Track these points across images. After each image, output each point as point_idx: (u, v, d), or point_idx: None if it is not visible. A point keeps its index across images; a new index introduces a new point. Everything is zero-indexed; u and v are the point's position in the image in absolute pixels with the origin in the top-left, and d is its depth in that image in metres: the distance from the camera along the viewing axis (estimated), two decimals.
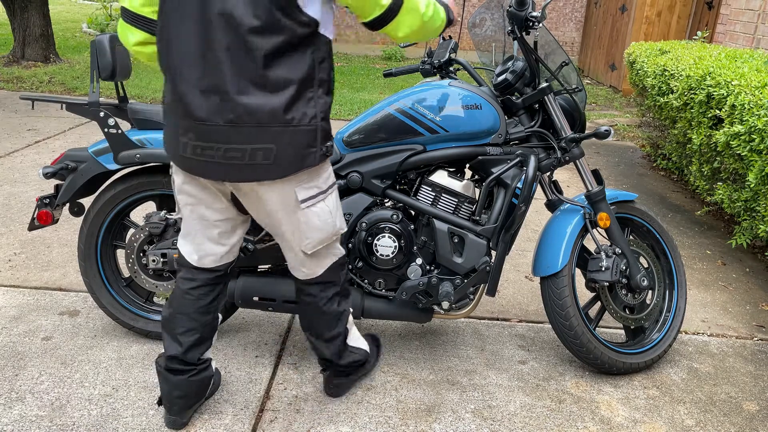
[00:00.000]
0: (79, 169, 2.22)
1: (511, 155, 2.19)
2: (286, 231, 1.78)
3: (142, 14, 1.65)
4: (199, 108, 1.57)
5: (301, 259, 1.86)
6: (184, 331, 1.87)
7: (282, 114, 1.57)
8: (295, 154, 1.62)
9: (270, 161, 1.60)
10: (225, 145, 1.58)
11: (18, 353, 2.30)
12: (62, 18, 13.23)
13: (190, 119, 1.59)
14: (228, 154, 1.59)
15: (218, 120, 1.56)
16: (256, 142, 1.58)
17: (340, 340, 2.02)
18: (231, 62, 1.52)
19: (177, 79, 1.58)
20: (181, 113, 1.61)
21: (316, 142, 1.65)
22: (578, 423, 2.10)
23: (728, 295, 3.09)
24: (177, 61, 1.57)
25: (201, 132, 1.59)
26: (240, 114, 1.55)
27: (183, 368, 1.90)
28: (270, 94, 1.55)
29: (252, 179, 1.63)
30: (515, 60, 2.25)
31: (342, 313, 1.99)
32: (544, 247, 2.28)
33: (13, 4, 7.46)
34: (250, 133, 1.57)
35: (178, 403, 1.92)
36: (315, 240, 1.80)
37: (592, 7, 9.96)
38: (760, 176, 2.81)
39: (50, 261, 3.03)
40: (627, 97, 7.97)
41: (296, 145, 1.61)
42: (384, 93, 7.59)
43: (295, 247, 1.82)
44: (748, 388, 2.35)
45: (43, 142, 4.97)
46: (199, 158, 1.62)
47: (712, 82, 3.41)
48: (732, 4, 6.15)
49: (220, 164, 1.61)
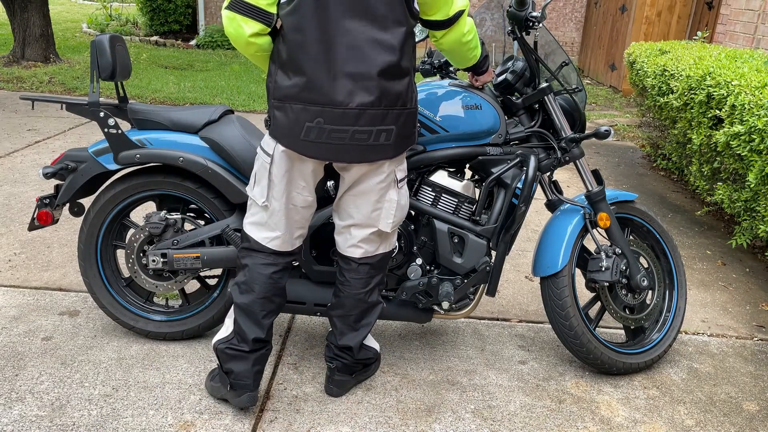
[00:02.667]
0: (79, 169, 2.22)
1: (511, 155, 2.19)
2: (372, 207, 1.91)
3: (259, 6, 1.70)
4: (333, 92, 1.70)
5: (369, 237, 1.96)
6: (266, 313, 1.98)
7: (402, 97, 1.76)
8: (407, 135, 1.83)
9: (390, 141, 1.78)
10: (353, 128, 1.72)
11: (18, 353, 2.30)
12: (62, 18, 13.23)
13: (319, 105, 1.71)
14: (356, 136, 1.74)
15: (350, 104, 1.70)
16: (381, 124, 1.74)
17: (367, 332, 2.08)
18: (363, 49, 1.68)
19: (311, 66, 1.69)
20: (307, 100, 1.72)
21: (416, 124, 1.88)
22: (578, 423, 2.10)
23: (728, 295, 3.09)
24: (312, 49, 1.68)
25: (331, 116, 1.72)
26: (372, 98, 1.71)
27: (263, 345, 2.02)
28: (394, 80, 1.73)
29: (373, 159, 1.79)
30: (515, 60, 2.25)
31: (378, 304, 2.09)
32: (544, 247, 2.28)
33: (13, 4, 7.46)
34: (376, 115, 1.73)
35: (257, 378, 2.03)
36: (397, 218, 1.96)
37: (592, 7, 9.96)
38: (760, 176, 2.81)
39: (50, 261, 3.03)
40: (627, 97, 7.97)
41: (408, 126, 1.82)
42: None
43: (375, 224, 1.93)
44: (748, 388, 2.35)
45: (43, 142, 4.97)
46: (326, 142, 1.74)
47: (712, 82, 3.41)
48: (732, 4, 6.15)
49: (347, 146, 1.75)
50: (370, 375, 2.26)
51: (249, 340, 1.96)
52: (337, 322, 2.08)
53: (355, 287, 2.01)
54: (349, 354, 2.09)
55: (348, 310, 2.04)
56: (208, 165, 2.17)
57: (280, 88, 1.75)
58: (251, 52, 1.79)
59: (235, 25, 1.72)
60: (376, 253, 2.00)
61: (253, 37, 1.73)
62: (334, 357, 2.11)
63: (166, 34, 10.84)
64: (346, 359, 2.10)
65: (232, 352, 1.98)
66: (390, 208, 1.92)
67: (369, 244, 1.98)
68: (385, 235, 1.99)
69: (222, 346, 1.99)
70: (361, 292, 2.01)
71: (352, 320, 2.06)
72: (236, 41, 1.75)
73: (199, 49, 10.23)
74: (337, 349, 2.10)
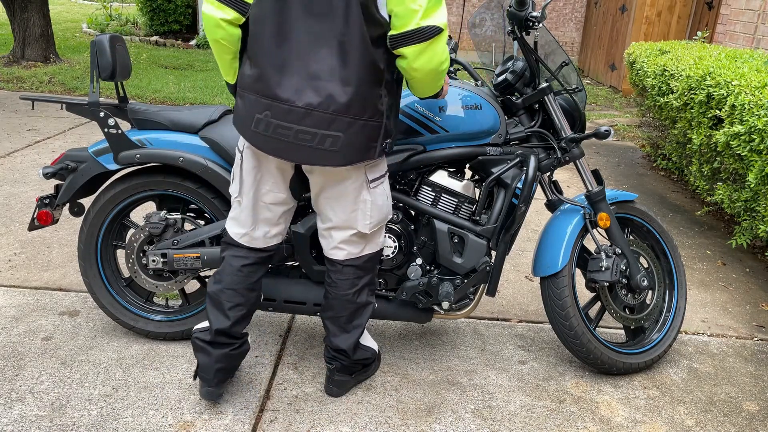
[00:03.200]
0: (79, 169, 2.22)
1: (511, 155, 2.19)
2: (348, 210, 1.88)
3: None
4: (282, 88, 1.67)
5: (350, 238, 1.93)
6: (233, 305, 1.97)
7: (358, 107, 1.68)
8: (359, 146, 1.73)
9: (335, 149, 1.71)
10: (297, 126, 1.69)
11: (18, 353, 2.30)
12: (62, 18, 13.23)
13: (268, 98, 1.69)
14: (298, 135, 1.70)
15: (296, 101, 1.67)
16: (327, 129, 1.69)
17: (360, 332, 2.07)
18: (316, 48, 1.64)
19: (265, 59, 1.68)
20: (258, 90, 1.71)
21: (378, 138, 1.76)
22: (578, 423, 2.10)
23: (728, 295, 3.09)
24: (264, 39, 1.67)
25: (279, 111, 1.69)
26: (321, 100, 1.66)
27: (228, 342, 2.00)
28: (348, 87, 1.66)
29: (316, 163, 1.74)
30: (515, 60, 2.25)
31: (368, 305, 2.06)
32: (544, 247, 2.28)
33: (13, 4, 7.46)
34: (322, 119, 1.67)
35: (218, 376, 2.02)
36: (375, 219, 1.92)
37: (592, 7, 9.96)
38: (760, 176, 2.81)
39: (50, 261, 3.03)
40: (627, 97, 7.97)
41: (361, 138, 1.72)
42: None
43: (353, 226, 1.91)
44: (748, 388, 2.35)
45: (43, 142, 4.97)
46: (271, 136, 1.72)
47: (712, 82, 3.41)
48: (732, 4, 6.15)
49: (289, 144, 1.72)
50: (371, 374, 2.26)
51: (213, 330, 1.98)
52: (328, 325, 2.07)
53: (342, 288, 1.99)
54: (344, 355, 2.09)
55: (337, 312, 2.03)
56: (208, 165, 2.17)
57: (242, 76, 1.77)
58: (218, 36, 1.73)
59: (210, 8, 1.72)
60: (360, 254, 1.98)
61: (224, 22, 1.71)
62: (332, 358, 2.11)
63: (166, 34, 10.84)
64: (343, 360, 2.10)
65: (199, 343, 2.01)
66: (365, 209, 1.89)
67: (351, 245, 1.96)
68: (369, 236, 1.97)
69: (195, 335, 2.03)
70: (348, 293, 1.99)
71: (342, 322, 2.04)
72: (207, 22, 1.74)
73: (199, 49, 10.23)
74: (333, 350, 2.10)
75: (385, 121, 1.77)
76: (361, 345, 2.14)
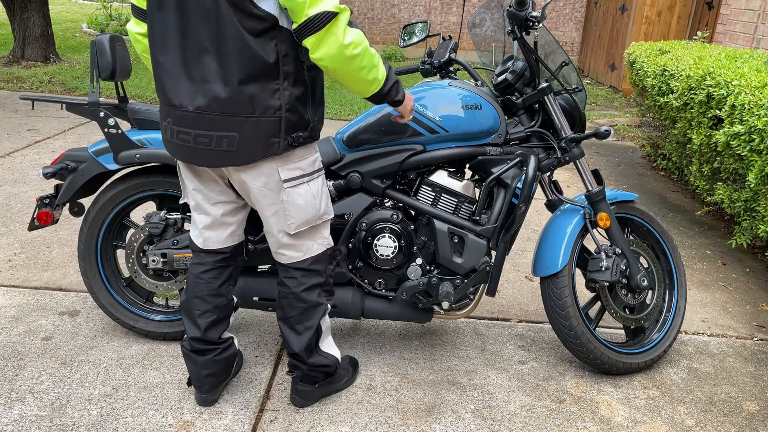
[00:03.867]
0: (79, 169, 2.22)
1: (511, 155, 2.19)
2: (270, 211, 1.84)
3: (141, 7, 1.77)
4: (174, 95, 1.69)
5: (285, 242, 1.90)
6: (201, 313, 1.98)
7: (245, 105, 1.65)
8: (257, 143, 1.70)
9: (234, 148, 1.69)
10: (194, 131, 1.69)
11: (18, 353, 2.30)
12: (62, 18, 13.22)
13: (167, 105, 1.72)
14: (197, 139, 1.70)
15: (188, 106, 1.67)
16: (221, 130, 1.68)
17: (311, 334, 1.98)
18: (198, 52, 1.63)
19: (157, 68, 1.71)
20: (161, 99, 1.75)
21: (279, 133, 1.71)
22: (578, 423, 2.10)
23: (728, 295, 3.09)
24: (157, 49, 1.70)
25: (176, 117, 1.71)
26: (208, 102, 1.65)
27: (206, 348, 2.00)
28: (228, 86, 1.64)
29: (219, 164, 1.74)
30: (515, 60, 2.25)
31: (319, 305, 1.98)
32: (544, 247, 2.28)
33: (13, 4, 7.46)
34: (214, 120, 1.67)
35: (208, 382, 2.03)
36: (298, 220, 1.85)
37: (592, 7, 9.96)
38: (760, 176, 2.81)
39: (50, 261, 3.03)
40: (627, 97, 7.97)
41: (258, 135, 1.69)
42: None
43: (278, 227, 1.87)
44: (748, 388, 2.35)
45: (43, 142, 4.97)
46: (177, 142, 1.74)
47: (712, 82, 3.41)
48: (732, 4, 6.15)
49: (192, 149, 1.72)
50: (341, 387, 2.18)
51: (188, 338, 1.99)
52: (281, 327, 2.02)
53: (289, 287, 1.95)
54: (299, 360, 2.02)
55: (286, 312, 1.98)
56: None
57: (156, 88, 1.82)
58: (139, 50, 1.90)
59: (131, 23, 1.86)
60: (305, 257, 1.93)
61: (140, 36, 1.84)
62: (292, 366, 2.06)
63: None
64: (300, 366, 2.03)
65: (184, 351, 2.02)
66: (285, 209, 1.82)
67: (290, 250, 1.91)
68: (304, 238, 1.90)
69: (182, 343, 2.04)
70: (295, 292, 1.94)
71: (292, 322, 1.98)
72: (131, 37, 1.88)
73: None
74: (289, 355, 2.05)
75: (285, 115, 1.70)
76: (320, 351, 2.05)
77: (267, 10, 1.59)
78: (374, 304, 2.27)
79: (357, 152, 2.20)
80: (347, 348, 2.45)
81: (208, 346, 2.00)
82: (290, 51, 1.67)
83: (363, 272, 2.26)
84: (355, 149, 2.20)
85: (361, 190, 2.22)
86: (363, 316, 2.27)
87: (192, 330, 1.98)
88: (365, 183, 2.20)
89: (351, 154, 2.21)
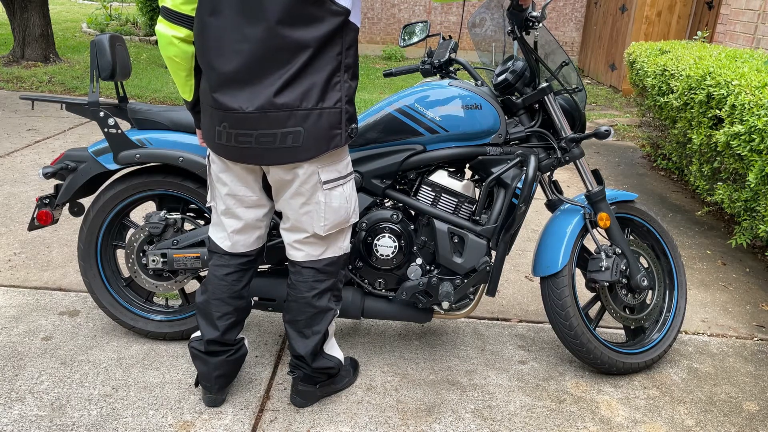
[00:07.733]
0: (78, 169, 2.22)
1: (511, 155, 2.19)
2: (303, 210, 1.84)
3: (183, 12, 1.71)
4: (231, 98, 1.67)
5: (309, 240, 1.90)
6: (221, 315, 1.97)
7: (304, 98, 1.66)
8: (322, 136, 1.71)
9: (299, 144, 1.70)
10: (257, 131, 1.68)
11: (18, 353, 2.30)
12: (62, 18, 13.22)
13: (221, 110, 1.70)
14: (260, 139, 1.69)
15: (248, 108, 1.66)
16: (285, 127, 1.68)
17: (319, 339, 1.99)
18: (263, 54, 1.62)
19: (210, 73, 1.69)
20: (212, 104, 1.72)
21: (341, 124, 1.74)
22: (578, 423, 2.10)
23: (728, 295, 3.09)
24: (211, 53, 1.67)
25: (234, 120, 1.69)
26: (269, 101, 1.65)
27: (222, 350, 2.01)
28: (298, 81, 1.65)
29: (284, 162, 1.73)
30: (515, 60, 2.25)
31: (329, 311, 1.98)
32: (544, 247, 2.28)
33: (13, 4, 7.46)
34: (277, 118, 1.67)
35: (218, 383, 2.04)
36: (331, 222, 1.86)
37: (592, 7, 9.96)
38: (760, 176, 2.81)
39: (50, 261, 3.03)
40: (627, 97, 7.97)
41: (322, 128, 1.70)
42: (384, 93, 7.59)
43: (309, 227, 1.87)
44: (748, 388, 2.35)
45: (43, 142, 4.97)
46: (234, 145, 1.72)
47: (712, 82, 3.41)
48: (732, 4, 6.15)
49: (254, 150, 1.71)
50: (342, 388, 2.18)
51: (204, 340, 1.98)
52: (287, 329, 2.01)
53: (300, 291, 1.94)
54: (303, 363, 2.02)
55: (294, 315, 1.97)
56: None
57: (201, 91, 1.79)
58: (171, 53, 1.76)
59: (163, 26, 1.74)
60: (321, 257, 1.92)
61: (177, 39, 1.74)
62: (294, 366, 2.06)
63: None
64: (304, 368, 2.03)
65: (195, 352, 2.02)
66: (319, 211, 1.83)
67: (310, 247, 1.91)
68: (328, 240, 1.91)
69: (191, 344, 2.03)
70: (306, 296, 1.93)
71: (300, 326, 1.97)
72: (161, 39, 1.75)
73: None
74: (293, 357, 2.05)
75: (345, 107, 1.74)
76: (324, 354, 2.05)
77: (343, 4, 1.64)
78: (374, 304, 2.27)
79: (357, 152, 2.20)
80: (347, 348, 2.45)
81: (224, 347, 2.00)
82: (353, 44, 1.72)
83: (363, 272, 2.26)
84: (355, 149, 2.20)
85: (361, 190, 2.22)
86: (363, 316, 2.27)
87: (209, 332, 1.97)
88: (365, 183, 2.20)
89: (351, 154, 2.21)
